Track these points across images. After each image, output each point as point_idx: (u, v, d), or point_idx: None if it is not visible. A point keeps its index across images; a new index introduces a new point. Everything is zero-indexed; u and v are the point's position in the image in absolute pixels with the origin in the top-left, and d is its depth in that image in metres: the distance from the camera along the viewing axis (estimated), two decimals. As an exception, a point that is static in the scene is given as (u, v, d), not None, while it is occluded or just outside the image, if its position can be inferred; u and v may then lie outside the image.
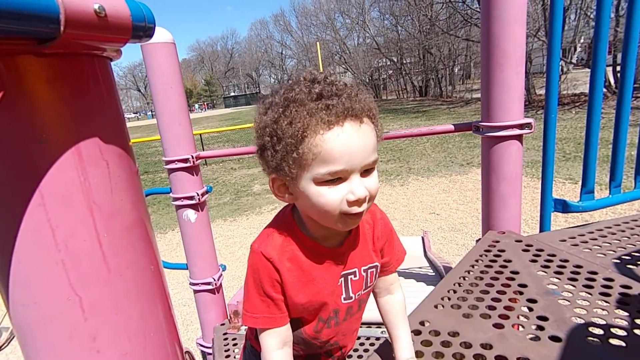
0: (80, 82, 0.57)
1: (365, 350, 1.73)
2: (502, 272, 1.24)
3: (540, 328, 0.97)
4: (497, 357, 0.89)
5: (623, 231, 1.48)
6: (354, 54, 37.81)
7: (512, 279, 1.19)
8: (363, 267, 0.90)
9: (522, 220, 1.63)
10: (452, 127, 1.66)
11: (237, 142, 16.44)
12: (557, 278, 1.18)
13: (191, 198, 1.95)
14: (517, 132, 1.45)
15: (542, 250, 1.35)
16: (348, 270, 0.89)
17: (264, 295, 0.82)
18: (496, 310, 1.05)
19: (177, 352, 0.74)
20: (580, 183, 1.63)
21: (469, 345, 0.94)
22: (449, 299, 1.14)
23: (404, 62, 31.49)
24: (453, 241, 4.83)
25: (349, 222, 0.75)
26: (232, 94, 76.88)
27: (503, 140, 1.47)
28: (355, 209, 0.72)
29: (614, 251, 1.32)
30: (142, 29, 0.57)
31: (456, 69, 31.09)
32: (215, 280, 2.09)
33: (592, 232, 1.49)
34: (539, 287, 1.14)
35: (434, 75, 28.57)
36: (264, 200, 7.73)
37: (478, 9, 18.09)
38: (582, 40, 18.09)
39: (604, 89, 1.52)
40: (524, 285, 1.15)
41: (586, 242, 1.41)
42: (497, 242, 1.45)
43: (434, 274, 2.61)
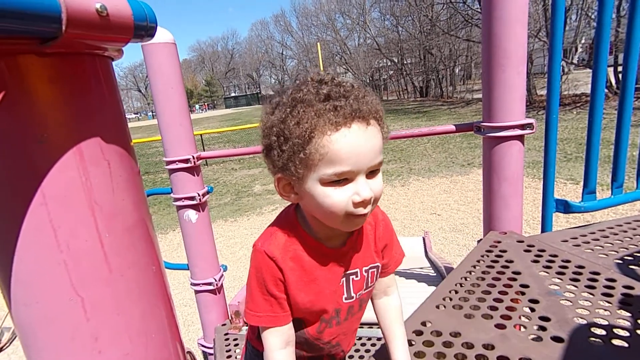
0: (82, 81, 0.57)
1: (367, 351, 1.73)
2: (503, 273, 1.24)
3: (543, 328, 0.97)
4: (499, 358, 0.89)
5: (625, 231, 1.48)
6: (355, 54, 37.81)
7: (514, 280, 1.19)
8: (364, 268, 0.90)
9: (524, 220, 1.63)
10: (453, 128, 1.66)
11: (238, 142, 16.44)
12: (559, 278, 1.18)
13: (192, 198, 1.96)
14: (518, 132, 1.45)
15: (544, 251, 1.35)
16: (350, 270, 0.89)
17: (267, 294, 0.82)
18: (498, 310, 1.05)
19: (179, 353, 0.73)
20: (581, 183, 1.63)
21: (470, 346, 0.93)
22: (451, 299, 1.13)
23: (405, 62, 31.48)
24: (454, 242, 4.83)
25: (353, 222, 0.76)
26: (233, 94, 76.95)
27: (504, 140, 1.47)
28: (361, 210, 0.73)
29: (616, 251, 1.32)
30: (143, 29, 0.57)
31: (457, 70, 31.09)
32: (216, 280, 2.09)
33: (594, 233, 1.48)
34: (541, 287, 1.14)
35: (434, 76, 28.56)
36: (264, 201, 7.73)
37: (479, 10, 18.08)
38: (583, 41, 18.09)
39: (605, 90, 1.52)
40: (526, 286, 1.15)
41: (588, 242, 1.41)
42: (499, 242, 1.45)
43: (435, 274, 2.61)
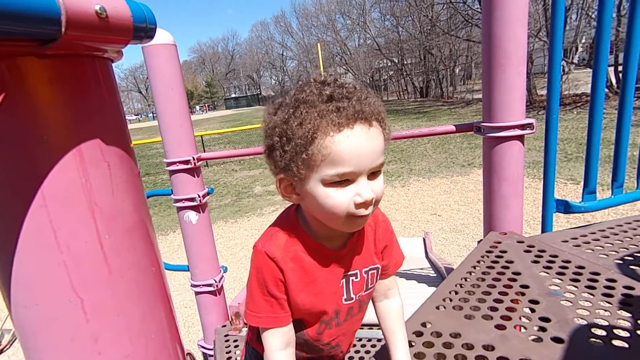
0: (82, 83, 0.57)
1: (367, 352, 1.73)
2: (504, 273, 1.24)
3: (543, 329, 0.96)
4: (499, 359, 0.89)
5: (625, 232, 1.48)
6: (355, 55, 37.82)
7: (514, 280, 1.19)
8: (364, 269, 0.91)
9: (524, 221, 1.63)
10: (453, 128, 1.66)
11: (238, 143, 16.45)
12: (559, 279, 1.18)
13: (192, 200, 1.96)
14: (518, 132, 1.45)
15: (544, 251, 1.35)
16: (350, 271, 0.89)
17: (267, 295, 0.82)
18: (498, 311, 1.05)
19: (179, 354, 0.73)
20: (582, 183, 1.63)
21: (470, 347, 0.93)
22: (451, 300, 1.13)
23: (405, 63, 31.47)
24: (454, 242, 4.82)
25: (354, 223, 0.76)
26: (233, 95, 76.96)
27: (504, 140, 1.47)
28: (362, 211, 0.73)
29: (617, 252, 1.32)
30: (143, 30, 0.57)
31: (457, 70, 31.08)
32: (216, 281, 2.09)
33: (594, 233, 1.48)
34: (541, 288, 1.13)
35: (434, 76, 28.55)
36: (265, 202, 7.73)
37: (479, 10, 18.09)
38: (583, 41, 18.08)
39: (605, 89, 1.52)
40: (526, 286, 1.15)
41: (588, 242, 1.41)
42: (499, 243, 1.45)
43: (435, 275, 2.61)
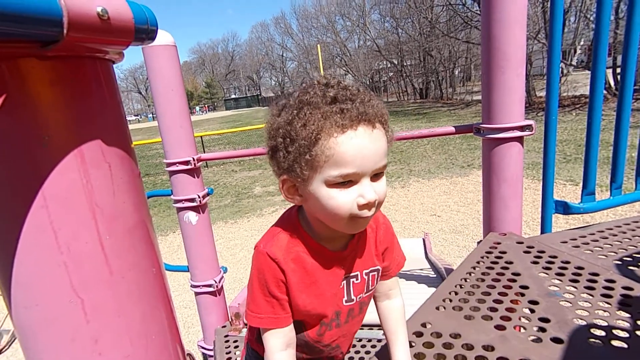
0: (83, 84, 0.57)
1: (367, 352, 1.73)
2: (503, 274, 1.24)
3: (542, 330, 0.97)
4: (498, 359, 0.89)
5: (624, 232, 1.48)
6: (355, 56, 37.86)
7: (514, 281, 1.19)
8: (365, 271, 0.91)
9: (523, 222, 1.63)
10: (452, 129, 1.66)
11: (238, 144, 16.45)
12: (558, 280, 1.18)
13: (192, 200, 1.96)
14: (517, 134, 1.45)
15: (543, 252, 1.35)
16: (350, 273, 0.89)
17: (269, 296, 0.82)
18: (498, 312, 1.05)
19: (179, 355, 0.74)
20: (581, 185, 1.63)
21: (470, 347, 0.93)
22: (451, 300, 1.13)
23: (405, 64, 31.51)
24: (454, 243, 4.83)
25: (357, 225, 0.76)
26: (233, 96, 77.00)
27: (504, 142, 1.47)
28: (365, 213, 0.73)
29: (615, 252, 1.32)
30: (144, 32, 0.57)
31: (456, 71, 31.12)
32: (216, 282, 2.09)
33: (593, 234, 1.48)
34: (541, 288, 1.14)
35: (434, 78, 28.58)
36: (264, 203, 7.73)
37: (478, 12, 18.12)
38: (582, 43, 18.11)
39: (604, 91, 1.52)
40: (526, 287, 1.15)
41: (587, 243, 1.41)
42: (499, 243, 1.45)
43: (435, 275, 2.61)
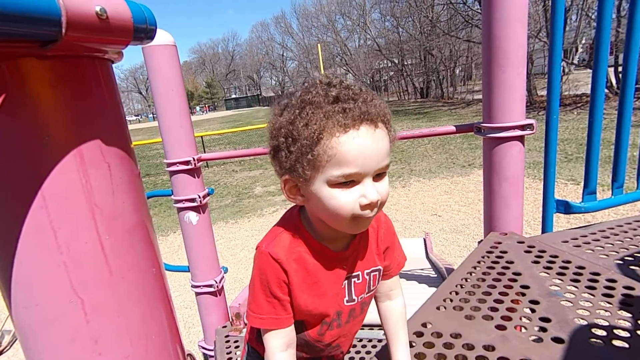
0: (82, 84, 0.57)
1: (367, 352, 1.73)
2: (504, 274, 1.24)
3: (543, 329, 0.96)
4: (499, 359, 0.89)
5: (625, 232, 1.48)
6: (355, 55, 37.83)
7: (515, 281, 1.19)
8: (366, 271, 0.90)
9: (524, 221, 1.63)
10: (453, 129, 1.66)
11: (239, 144, 16.45)
12: (559, 279, 1.18)
13: (193, 200, 1.96)
14: (518, 133, 1.45)
15: (544, 252, 1.35)
16: (352, 273, 0.89)
17: (270, 296, 0.82)
18: (498, 311, 1.05)
19: (179, 355, 0.73)
20: (582, 184, 1.63)
21: (471, 347, 0.93)
22: (451, 300, 1.13)
23: (405, 63, 31.48)
24: (455, 242, 4.82)
25: (359, 225, 0.76)
26: (233, 96, 77.05)
27: (505, 141, 1.47)
28: (367, 213, 0.73)
29: (617, 252, 1.32)
30: (143, 31, 0.57)
31: (457, 70, 31.08)
32: (216, 282, 2.09)
33: (595, 233, 1.48)
34: (542, 288, 1.13)
35: (435, 77, 28.55)
36: (265, 203, 7.73)
37: (479, 10, 18.10)
38: (583, 41, 18.07)
39: (605, 90, 1.52)
40: (527, 287, 1.15)
41: (588, 243, 1.41)
42: (499, 243, 1.45)
43: (435, 275, 2.60)
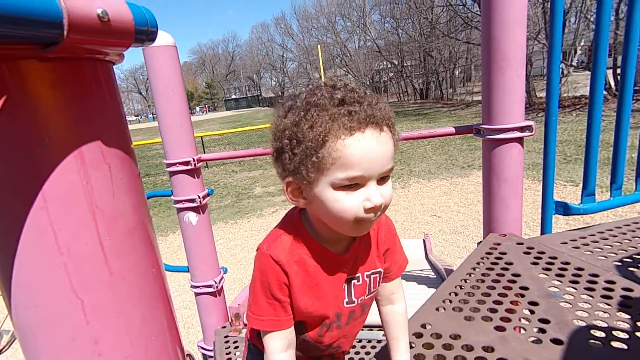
0: (83, 86, 0.57)
1: (367, 353, 1.73)
2: (503, 275, 1.24)
3: (542, 331, 0.97)
4: (498, 360, 0.89)
5: (624, 233, 1.48)
6: (355, 56, 37.85)
7: (514, 282, 1.19)
8: (366, 273, 0.90)
9: (523, 222, 1.63)
10: (453, 130, 1.66)
11: (239, 144, 16.45)
12: (558, 281, 1.18)
13: (192, 201, 1.96)
14: (517, 134, 1.45)
15: (543, 253, 1.35)
16: (352, 275, 0.89)
17: (271, 298, 0.82)
18: (498, 312, 1.05)
19: (179, 355, 0.74)
20: (581, 185, 1.63)
21: (470, 348, 0.93)
22: (451, 301, 1.13)
23: (405, 64, 31.51)
24: (454, 244, 4.82)
25: (361, 227, 0.76)
26: (233, 96, 77.07)
27: (504, 142, 1.47)
28: (371, 216, 0.73)
29: (616, 253, 1.32)
30: (144, 33, 0.57)
31: (457, 72, 31.12)
32: (216, 282, 2.09)
33: (594, 235, 1.48)
34: (541, 289, 1.14)
35: (434, 78, 28.58)
36: (265, 203, 7.73)
37: (478, 12, 18.12)
38: (582, 43, 18.10)
39: (604, 92, 1.52)
40: (526, 288, 1.15)
41: (587, 244, 1.41)
42: (499, 244, 1.45)
43: (435, 276, 2.60)
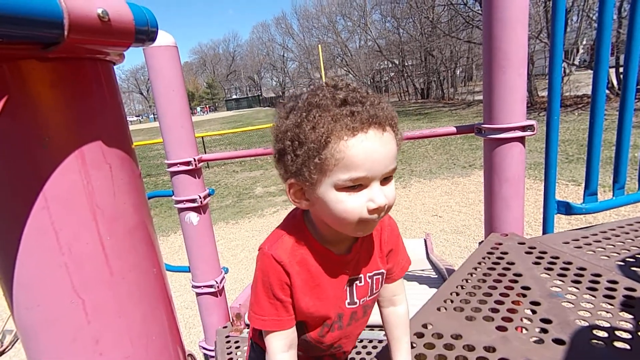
0: (83, 86, 0.57)
1: (368, 353, 1.73)
2: (505, 275, 1.23)
3: (544, 331, 0.96)
4: (500, 360, 0.89)
5: (627, 233, 1.47)
6: (356, 56, 37.86)
7: (515, 282, 1.19)
8: (369, 274, 0.90)
9: (525, 222, 1.63)
10: (454, 129, 1.66)
11: (239, 144, 16.46)
12: (560, 280, 1.18)
13: (193, 201, 1.96)
14: (519, 134, 1.45)
15: (545, 253, 1.34)
16: (354, 276, 0.88)
17: (272, 298, 0.82)
18: (499, 312, 1.05)
19: (179, 355, 0.74)
20: (583, 185, 1.62)
21: (472, 348, 0.93)
22: (452, 301, 1.13)
23: (406, 64, 31.48)
24: (455, 243, 4.82)
25: (365, 228, 0.76)
26: (234, 96, 77.16)
27: (505, 142, 1.47)
28: (375, 217, 0.72)
29: (618, 253, 1.32)
30: (145, 33, 0.57)
31: (458, 71, 31.06)
32: (217, 282, 2.09)
33: (596, 234, 1.48)
34: (543, 289, 1.13)
35: (435, 78, 28.54)
36: (265, 203, 7.74)
37: (480, 11, 18.09)
38: (584, 42, 18.06)
39: (606, 91, 1.52)
40: (527, 288, 1.15)
41: (590, 244, 1.41)
42: (500, 244, 1.45)
43: (436, 276, 2.60)
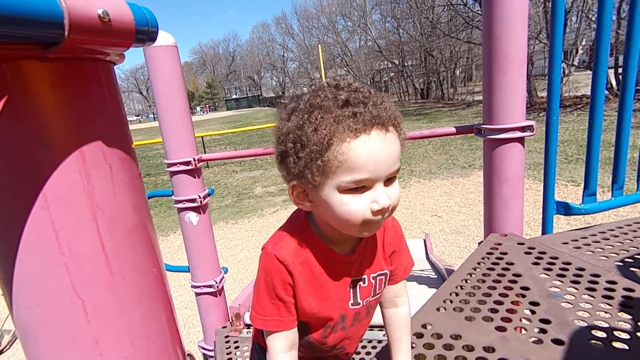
0: (84, 86, 0.57)
1: (368, 353, 1.73)
2: (504, 275, 1.24)
3: (543, 331, 0.96)
4: (499, 360, 0.89)
5: (626, 234, 1.48)
6: (356, 56, 37.88)
7: (515, 282, 1.19)
8: (372, 275, 0.90)
9: (525, 222, 1.63)
10: (453, 130, 1.66)
11: (239, 144, 16.46)
12: (559, 281, 1.18)
13: (193, 201, 1.96)
14: (519, 134, 1.45)
15: (544, 253, 1.35)
16: (357, 276, 0.88)
17: (275, 298, 0.82)
18: (498, 313, 1.05)
19: (179, 355, 0.74)
20: (582, 185, 1.63)
21: (471, 349, 0.93)
22: (451, 301, 1.13)
23: (406, 64, 31.49)
24: (455, 244, 4.82)
25: (369, 229, 0.75)
26: (234, 96, 77.15)
27: (505, 142, 1.47)
28: (379, 218, 0.72)
29: (617, 254, 1.32)
30: (145, 33, 0.57)
31: (458, 72, 31.07)
32: (217, 282, 2.09)
33: (595, 235, 1.48)
34: (542, 290, 1.13)
35: (435, 78, 28.55)
36: (265, 203, 7.74)
37: (479, 12, 18.10)
38: (583, 43, 18.06)
39: (605, 91, 1.52)
40: (527, 288, 1.15)
41: (589, 244, 1.41)
42: (499, 244, 1.45)
43: (435, 276, 2.61)
